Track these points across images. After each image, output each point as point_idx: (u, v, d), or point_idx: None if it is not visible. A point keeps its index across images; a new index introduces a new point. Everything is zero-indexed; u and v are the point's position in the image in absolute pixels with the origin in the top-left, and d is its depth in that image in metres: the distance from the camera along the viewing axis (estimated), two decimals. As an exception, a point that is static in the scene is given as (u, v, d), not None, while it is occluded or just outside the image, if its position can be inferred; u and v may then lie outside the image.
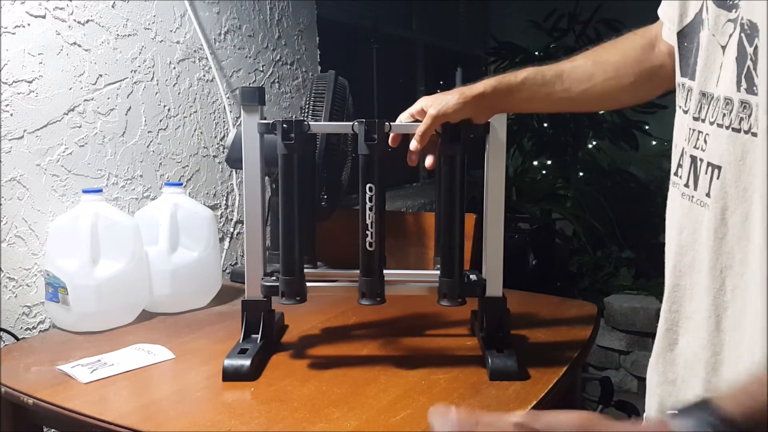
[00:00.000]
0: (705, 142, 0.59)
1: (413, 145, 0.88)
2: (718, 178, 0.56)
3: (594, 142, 3.29)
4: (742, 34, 0.52)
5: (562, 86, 0.85)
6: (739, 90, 0.52)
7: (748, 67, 0.52)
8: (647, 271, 2.84)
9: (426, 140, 0.88)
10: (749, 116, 0.50)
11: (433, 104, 0.87)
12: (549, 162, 3.38)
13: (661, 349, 0.68)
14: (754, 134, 0.51)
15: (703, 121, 0.59)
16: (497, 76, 0.87)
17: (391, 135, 0.91)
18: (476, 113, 0.88)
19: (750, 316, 0.53)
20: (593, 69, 0.84)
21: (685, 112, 0.63)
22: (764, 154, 0.49)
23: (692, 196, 0.61)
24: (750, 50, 0.52)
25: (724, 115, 0.55)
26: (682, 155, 0.64)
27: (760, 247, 0.49)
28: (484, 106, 0.87)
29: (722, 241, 0.55)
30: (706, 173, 0.58)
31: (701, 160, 0.59)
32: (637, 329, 2.56)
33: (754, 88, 0.51)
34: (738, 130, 0.52)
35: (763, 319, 0.50)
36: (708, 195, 0.57)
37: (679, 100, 0.65)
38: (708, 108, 0.58)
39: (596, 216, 3.06)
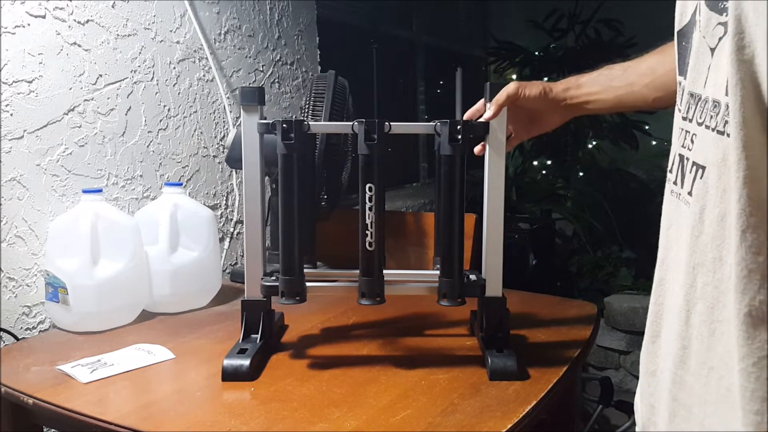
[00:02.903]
0: (692, 141, 0.60)
1: (487, 115, 0.96)
2: (701, 178, 0.57)
3: (594, 142, 3.29)
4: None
5: (627, 80, 0.91)
6: (727, 94, 0.53)
7: None
8: (647, 271, 2.84)
9: (498, 108, 0.95)
10: None
11: (520, 83, 0.95)
12: (549, 162, 3.37)
13: (646, 341, 0.70)
14: None
15: (691, 121, 0.60)
16: (574, 76, 0.96)
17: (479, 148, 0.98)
18: (548, 107, 0.97)
19: (720, 313, 0.54)
20: (657, 61, 0.87)
21: (680, 110, 0.64)
22: (737, 153, 0.49)
23: (679, 194, 0.62)
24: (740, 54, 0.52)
25: (711, 117, 0.55)
26: (674, 153, 0.65)
27: (736, 245, 0.50)
28: (553, 98, 0.95)
29: (698, 239, 0.57)
30: (690, 172, 0.59)
31: (687, 159, 0.61)
32: (637, 329, 2.56)
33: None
34: (722, 133, 0.53)
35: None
36: (690, 194, 0.59)
37: (677, 98, 0.66)
38: (696, 108, 0.59)
39: (596, 216, 3.06)
